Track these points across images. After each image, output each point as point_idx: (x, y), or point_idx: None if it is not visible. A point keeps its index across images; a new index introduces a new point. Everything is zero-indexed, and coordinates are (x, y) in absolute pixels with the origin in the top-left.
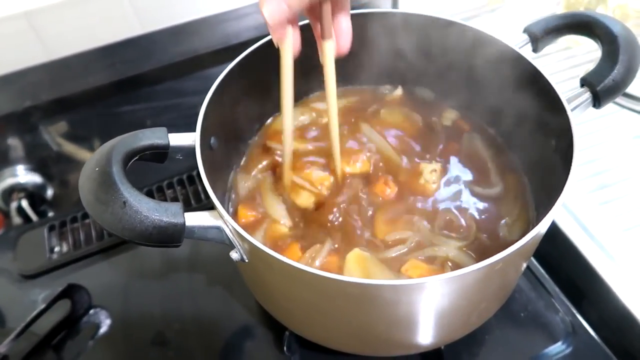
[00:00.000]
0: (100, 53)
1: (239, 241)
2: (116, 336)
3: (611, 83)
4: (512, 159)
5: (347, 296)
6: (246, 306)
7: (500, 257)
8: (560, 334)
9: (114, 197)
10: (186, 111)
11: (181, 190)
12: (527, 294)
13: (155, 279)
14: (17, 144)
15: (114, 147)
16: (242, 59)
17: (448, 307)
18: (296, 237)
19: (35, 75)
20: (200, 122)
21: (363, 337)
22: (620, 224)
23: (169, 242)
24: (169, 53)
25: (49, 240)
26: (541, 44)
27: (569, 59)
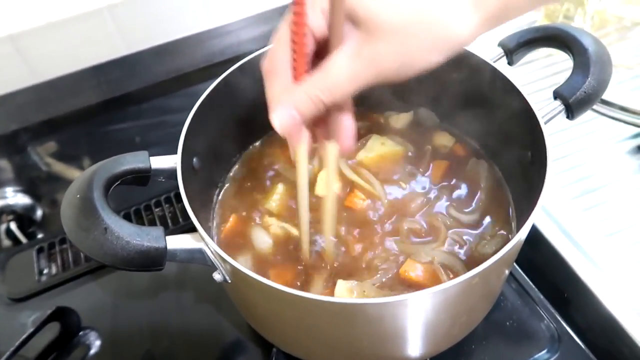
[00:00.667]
0: (86, 74)
1: (220, 263)
2: (106, 357)
3: (583, 95)
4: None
5: (330, 315)
6: (234, 323)
7: (480, 270)
8: (546, 342)
9: (95, 223)
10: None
11: (169, 208)
12: (512, 302)
13: (143, 298)
14: (6, 166)
15: (95, 172)
16: (224, 77)
17: (431, 320)
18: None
19: (22, 98)
20: (181, 144)
21: (348, 353)
22: (603, 229)
23: (151, 266)
24: (154, 72)
25: (37, 262)
26: (515, 56)
27: (550, 66)
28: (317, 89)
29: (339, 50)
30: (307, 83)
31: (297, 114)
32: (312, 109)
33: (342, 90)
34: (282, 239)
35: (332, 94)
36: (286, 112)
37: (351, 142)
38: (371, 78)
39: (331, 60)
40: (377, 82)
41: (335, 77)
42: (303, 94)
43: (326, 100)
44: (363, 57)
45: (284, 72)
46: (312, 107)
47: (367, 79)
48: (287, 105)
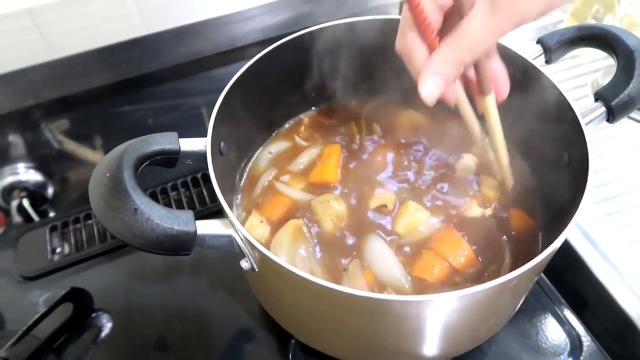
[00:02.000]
0: (104, 52)
1: (249, 250)
2: (118, 340)
3: (626, 98)
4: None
5: (358, 309)
6: (249, 311)
7: (515, 275)
8: (566, 347)
9: (125, 203)
10: (188, 112)
11: (185, 193)
12: (533, 305)
13: (157, 282)
14: (18, 142)
15: (124, 152)
16: (253, 62)
17: (458, 321)
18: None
19: (38, 74)
20: (211, 126)
21: (372, 349)
22: (625, 236)
23: (179, 251)
24: (173, 54)
25: (50, 241)
26: (554, 55)
27: (575, 68)
28: (457, 51)
29: (474, 9)
30: (445, 48)
31: (441, 79)
32: (456, 71)
33: (482, 46)
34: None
35: (472, 53)
36: (430, 81)
37: (507, 86)
38: (511, 27)
39: (467, 21)
40: (517, 28)
41: (474, 35)
42: (442, 59)
43: (467, 59)
44: (501, 9)
45: (418, 47)
46: (454, 69)
47: (507, 29)
48: (431, 75)
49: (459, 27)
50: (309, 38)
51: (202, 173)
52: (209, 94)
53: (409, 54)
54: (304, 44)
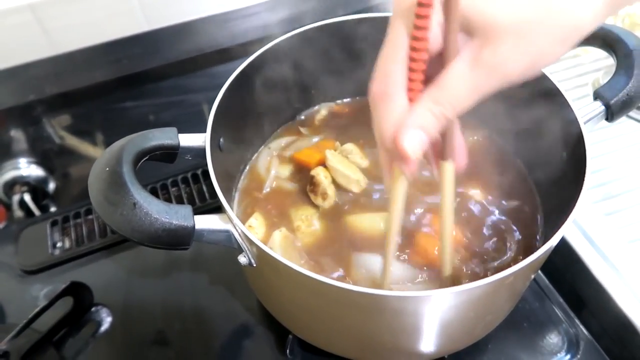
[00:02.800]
0: (105, 48)
1: (247, 245)
2: (117, 334)
3: (625, 97)
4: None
5: (354, 305)
6: (248, 307)
7: (511, 272)
8: (563, 345)
9: (124, 198)
10: (189, 108)
11: (185, 189)
12: (531, 304)
13: (157, 277)
14: (20, 137)
15: (124, 147)
16: (254, 59)
17: (455, 318)
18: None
19: (39, 69)
20: (210, 122)
21: (368, 345)
22: (625, 235)
23: (177, 245)
24: (174, 50)
25: (51, 235)
26: None
27: (576, 67)
28: (440, 104)
29: (455, 61)
30: (427, 100)
31: (424, 135)
32: (437, 128)
33: (465, 102)
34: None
35: (455, 109)
36: (416, 135)
37: (466, 159)
38: (495, 85)
39: (449, 73)
40: (499, 88)
41: (456, 90)
42: (427, 113)
43: (450, 115)
44: (484, 65)
45: (400, 93)
46: (437, 125)
47: (491, 87)
48: (414, 128)
49: (441, 79)
50: (311, 34)
51: (202, 169)
52: (210, 91)
53: (389, 101)
54: (306, 40)
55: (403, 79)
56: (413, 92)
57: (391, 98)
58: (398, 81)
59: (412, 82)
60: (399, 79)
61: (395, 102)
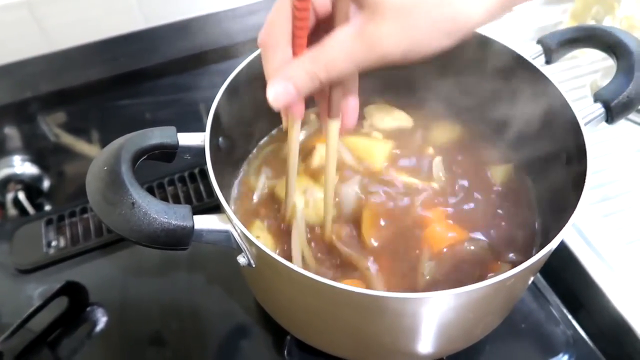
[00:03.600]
0: (102, 46)
1: (247, 246)
2: (113, 334)
3: (626, 99)
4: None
5: (355, 306)
6: (245, 307)
7: (512, 274)
8: (561, 346)
9: (123, 197)
10: (186, 107)
11: (182, 188)
12: (528, 305)
13: (153, 277)
14: (14, 134)
15: (122, 146)
16: (254, 57)
17: (454, 319)
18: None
19: (35, 66)
20: (210, 121)
21: (367, 346)
22: (622, 236)
23: (176, 245)
24: (171, 49)
25: (46, 234)
26: (555, 55)
27: (574, 69)
28: (314, 64)
29: (340, 28)
30: (304, 58)
31: (293, 88)
32: (309, 85)
33: (339, 68)
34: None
35: (329, 72)
36: (282, 86)
37: (353, 121)
38: (372, 60)
39: (331, 37)
40: (379, 64)
41: (333, 55)
42: (300, 69)
43: (322, 77)
44: (365, 37)
45: (283, 45)
46: (308, 83)
47: (368, 60)
48: (284, 79)
49: (324, 41)
50: None
51: (199, 168)
52: (207, 89)
53: (272, 50)
54: None
55: (287, 34)
56: (298, 47)
57: (274, 48)
58: (282, 34)
59: (296, 38)
60: (283, 33)
61: (277, 52)
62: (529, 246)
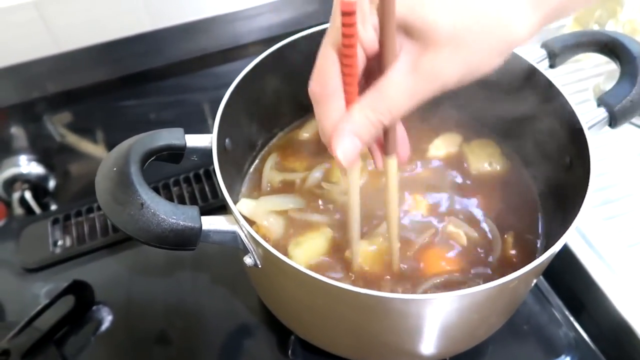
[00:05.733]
0: (109, 47)
1: (253, 247)
2: (118, 333)
3: (629, 104)
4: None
5: (361, 306)
6: (250, 307)
7: (516, 276)
8: (563, 348)
9: (132, 198)
10: (190, 108)
11: (187, 188)
12: (530, 307)
13: (159, 276)
14: (21, 134)
15: (131, 146)
16: (261, 59)
17: (458, 320)
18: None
19: (42, 66)
20: (217, 123)
21: (371, 346)
22: (624, 239)
23: (184, 245)
24: (177, 50)
25: (52, 233)
26: (558, 60)
27: (577, 72)
28: (377, 111)
29: (394, 66)
30: (364, 106)
31: (359, 142)
32: (373, 134)
33: (403, 109)
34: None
35: (392, 115)
36: (349, 142)
37: (409, 151)
38: (432, 91)
39: (387, 78)
40: (437, 93)
41: (394, 97)
42: (363, 120)
43: (387, 122)
44: (423, 71)
45: (337, 95)
46: (373, 132)
47: (428, 93)
48: (349, 135)
49: (380, 84)
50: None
51: (204, 169)
52: (212, 91)
53: (327, 102)
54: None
55: (339, 82)
56: (351, 94)
57: (328, 99)
58: (335, 83)
59: (347, 85)
60: (335, 82)
61: (332, 103)
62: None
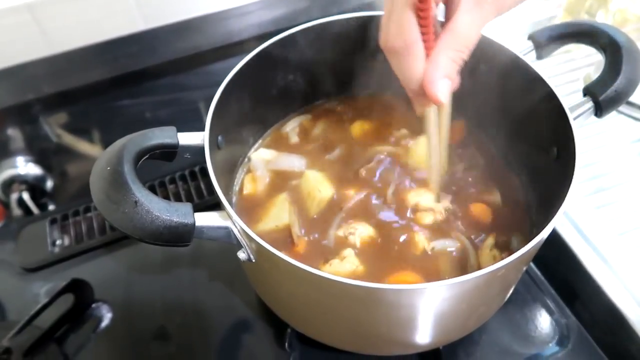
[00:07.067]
0: (102, 47)
1: (246, 241)
2: (118, 330)
3: (613, 93)
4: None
5: (352, 297)
6: (247, 302)
7: (503, 265)
8: (555, 336)
9: (126, 196)
10: (185, 106)
11: (183, 186)
12: (523, 295)
13: (157, 273)
14: (17, 135)
15: (124, 146)
16: (251, 57)
17: (449, 310)
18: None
19: (37, 68)
20: (209, 121)
21: (365, 337)
22: (615, 227)
23: (178, 242)
24: (171, 49)
25: (50, 233)
26: (545, 51)
27: (568, 62)
28: (457, 50)
29: (460, 6)
30: (445, 49)
31: (449, 81)
32: (458, 69)
33: (475, 40)
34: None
35: (469, 49)
36: (444, 83)
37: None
38: (492, 18)
39: (457, 19)
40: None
41: (467, 32)
42: (449, 61)
43: (465, 56)
44: (485, 4)
45: (418, 45)
46: (457, 68)
47: (489, 20)
48: (442, 78)
49: (451, 25)
50: (306, 34)
51: (199, 167)
52: (206, 88)
53: (410, 52)
54: (302, 39)
55: (417, 30)
56: (426, 43)
57: (412, 50)
58: (414, 34)
59: (424, 34)
60: (415, 32)
61: (416, 54)
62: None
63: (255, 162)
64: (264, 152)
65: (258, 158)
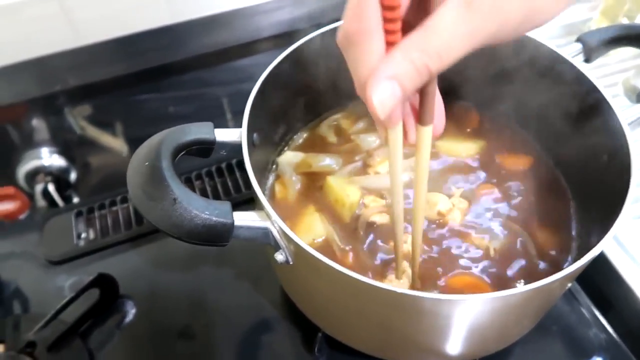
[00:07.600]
0: (130, 40)
1: (285, 243)
2: (142, 326)
3: None
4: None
5: (395, 305)
6: (274, 303)
7: (554, 279)
8: (593, 349)
9: (165, 193)
10: (209, 102)
11: (219, 179)
12: (560, 307)
13: (182, 270)
14: (42, 127)
15: (162, 141)
16: (289, 53)
17: (490, 322)
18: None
19: (64, 60)
20: (246, 117)
21: (401, 345)
22: None
23: (216, 241)
24: (197, 44)
25: (76, 226)
26: (595, 54)
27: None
28: (425, 53)
29: (446, 3)
30: (409, 47)
31: (399, 89)
32: (417, 82)
33: (455, 52)
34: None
35: (442, 60)
36: (388, 87)
37: (444, 123)
38: (490, 34)
39: (437, 15)
40: (494, 40)
41: (446, 37)
42: (406, 63)
43: (434, 68)
44: (481, 6)
45: (376, 34)
46: (417, 79)
47: (486, 36)
48: (387, 79)
49: (428, 22)
50: None
51: (236, 160)
52: (231, 85)
53: (364, 43)
54: None
55: (379, 17)
56: (389, 35)
57: (365, 38)
58: (373, 19)
59: (387, 22)
60: (375, 18)
61: (370, 43)
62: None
63: (282, 165)
64: (291, 155)
65: (285, 160)
